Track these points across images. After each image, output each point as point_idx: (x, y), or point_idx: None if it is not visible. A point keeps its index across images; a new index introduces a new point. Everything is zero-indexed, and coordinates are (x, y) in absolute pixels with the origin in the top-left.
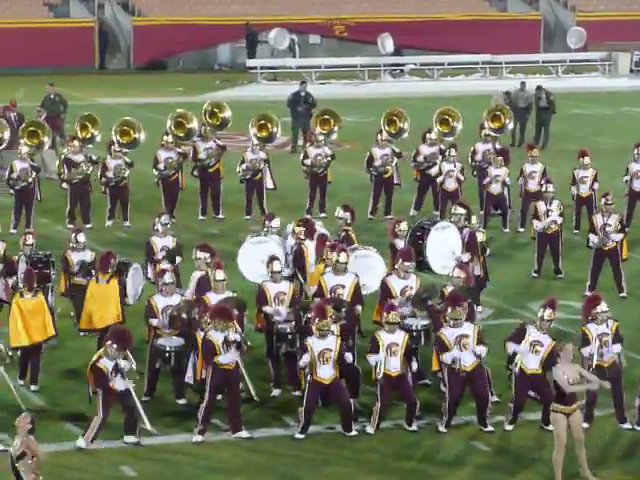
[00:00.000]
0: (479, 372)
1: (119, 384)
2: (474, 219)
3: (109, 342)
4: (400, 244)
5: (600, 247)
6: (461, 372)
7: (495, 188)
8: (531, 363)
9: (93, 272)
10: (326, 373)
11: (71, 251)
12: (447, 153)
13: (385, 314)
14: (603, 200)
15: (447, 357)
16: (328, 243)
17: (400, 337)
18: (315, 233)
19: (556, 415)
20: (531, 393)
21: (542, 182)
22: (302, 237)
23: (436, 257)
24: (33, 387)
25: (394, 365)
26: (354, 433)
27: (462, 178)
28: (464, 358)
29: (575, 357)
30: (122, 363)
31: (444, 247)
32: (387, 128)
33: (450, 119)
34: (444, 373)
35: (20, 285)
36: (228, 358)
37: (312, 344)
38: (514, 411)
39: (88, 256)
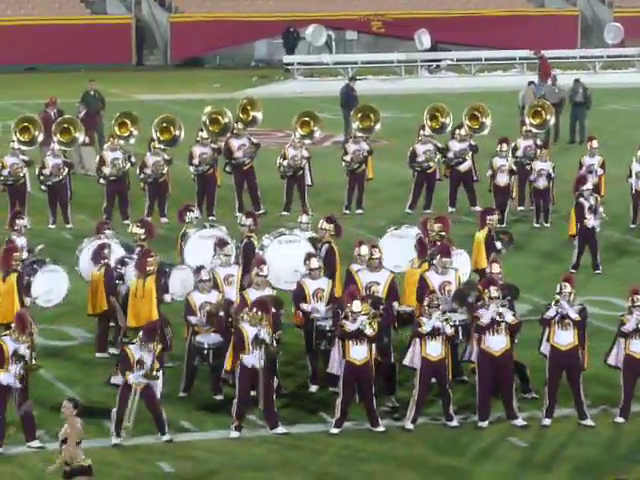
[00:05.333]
0: (508, 357)
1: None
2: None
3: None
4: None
5: None
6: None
7: (541, 182)
8: (564, 339)
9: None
10: (359, 354)
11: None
12: (498, 148)
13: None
14: None
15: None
16: (358, 239)
17: (433, 322)
18: (342, 231)
19: None
20: None
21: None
22: (332, 234)
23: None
24: None
25: (435, 349)
26: (381, 429)
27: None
28: (494, 342)
29: None
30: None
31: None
32: (430, 123)
33: (479, 115)
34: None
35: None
36: (252, 360)
37: (345, 325)
38: (549, 396)
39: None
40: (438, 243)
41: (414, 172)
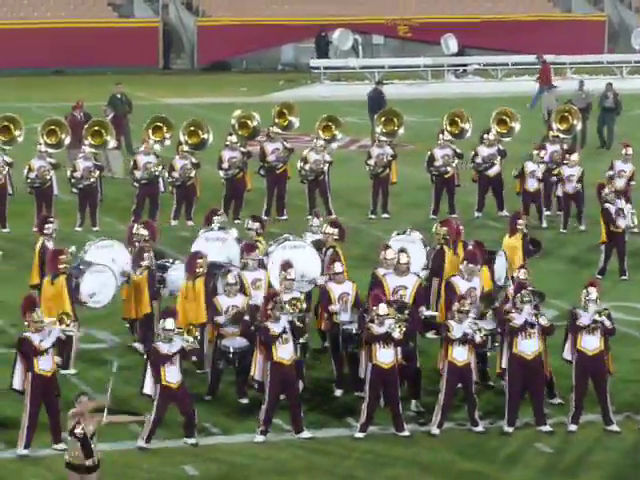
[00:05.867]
0: (539, 361)
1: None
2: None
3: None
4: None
5: None
6: None
7: (570, 187)
8: (591, 344)
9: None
10: (386, 358)
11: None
12: (536, 153)
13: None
14: None
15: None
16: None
17: (464, 328)
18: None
19: None
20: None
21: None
22: (336, 238)
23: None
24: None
25: (461, 354)
26: (406, 433)
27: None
28: (527, 346)
29: None
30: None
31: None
32: (449, 128)
33: (508, 119)
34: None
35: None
36: (283, 354)
37: (372, 328)
38: (576, 403)
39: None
40: (444, 247)
41: (432, 177)
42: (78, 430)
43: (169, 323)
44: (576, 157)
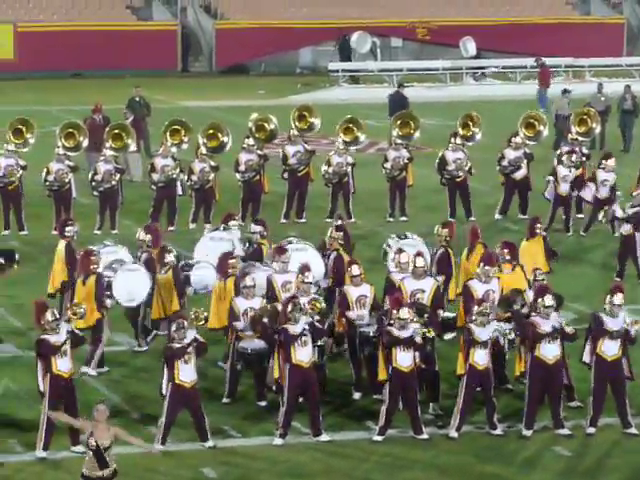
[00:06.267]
0: (560, 365)
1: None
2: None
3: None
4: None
5: None
6: None
7: (603, 192)
8: (611, 349)
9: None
10: (406, 361)
11: None
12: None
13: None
14: None
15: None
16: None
17: (490, 332)
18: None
19: None
20: None
21: None
22: (341, 242)
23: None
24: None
25: (481, 357)
26: (425, 436)
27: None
28: (549, 350)
29: None
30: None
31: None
32: (462, 132)
33: (536, 123)
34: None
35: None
36: (302, 356)
37: (393, 331)
38: (595, 407)
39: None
40: (447, 249)
41: (442, 179)
42: (91, 442)
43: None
44: (613, 162)
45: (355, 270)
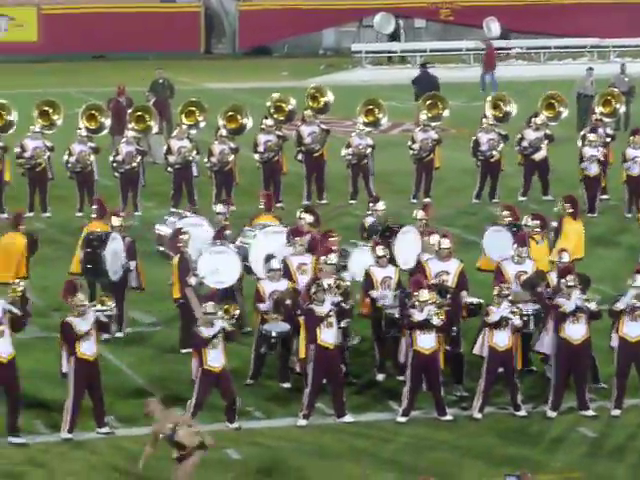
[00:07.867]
0: (587, 346)
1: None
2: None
3: None
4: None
5: None
6: None
7: (634, 170)
8: (633, 330)
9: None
10: (427, 343)
11: None
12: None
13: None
14: None
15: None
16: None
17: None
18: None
19: None
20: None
21: None
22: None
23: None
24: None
25: (502, 339)
26: (449, 417)
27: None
28: (574, 331)
29: None
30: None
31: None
32: (492, 112)
33: (556, 104)
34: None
35: None
36: (328, 337)
37: (413, 314)
38: (618, 388)
39: None
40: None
41: (477, 161)
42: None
43: (210, 307)
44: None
45: (380, 251)
